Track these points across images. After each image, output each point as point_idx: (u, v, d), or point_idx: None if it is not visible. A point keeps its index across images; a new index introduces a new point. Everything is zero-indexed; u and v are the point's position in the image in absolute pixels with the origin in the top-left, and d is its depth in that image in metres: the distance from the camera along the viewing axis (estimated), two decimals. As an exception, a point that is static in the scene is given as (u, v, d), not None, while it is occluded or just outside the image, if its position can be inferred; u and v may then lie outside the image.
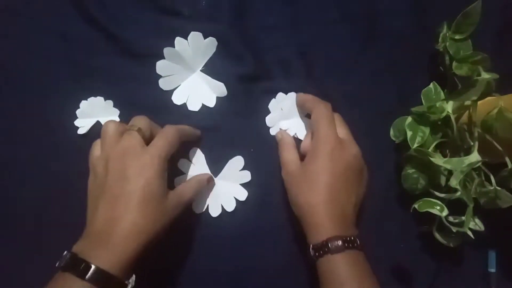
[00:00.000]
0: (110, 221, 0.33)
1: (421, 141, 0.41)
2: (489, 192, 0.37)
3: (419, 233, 0.45)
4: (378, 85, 0.48)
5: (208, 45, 0.45)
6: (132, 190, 0.34)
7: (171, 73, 0.45)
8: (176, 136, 0.38)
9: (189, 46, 0.45)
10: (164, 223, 0.35)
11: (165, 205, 0.36)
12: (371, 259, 0.37)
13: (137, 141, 0.36)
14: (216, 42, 0.45)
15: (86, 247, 0.32)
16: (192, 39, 0.45)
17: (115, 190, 0.34)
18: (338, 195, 0.38)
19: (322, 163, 0.38)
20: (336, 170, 0.38)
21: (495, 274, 0.45)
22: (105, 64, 0.46)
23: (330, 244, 0.35)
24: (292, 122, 0.46)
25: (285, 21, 0.48)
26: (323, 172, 0.38)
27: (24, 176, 0.45)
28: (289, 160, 0.41)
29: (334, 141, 0.39)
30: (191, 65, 0.46)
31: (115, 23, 0.47)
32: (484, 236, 0.40)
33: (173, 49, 0.45)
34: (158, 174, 0.35)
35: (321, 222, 0.36)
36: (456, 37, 0.42)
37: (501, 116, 0.34)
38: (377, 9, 0.48)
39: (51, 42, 0.46)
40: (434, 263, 0.45)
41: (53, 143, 0.45)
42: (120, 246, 0.32)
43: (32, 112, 0.46)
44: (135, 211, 0.33)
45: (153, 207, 0.34)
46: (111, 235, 0.32)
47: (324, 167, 0.38)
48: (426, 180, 0.41)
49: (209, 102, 0.46)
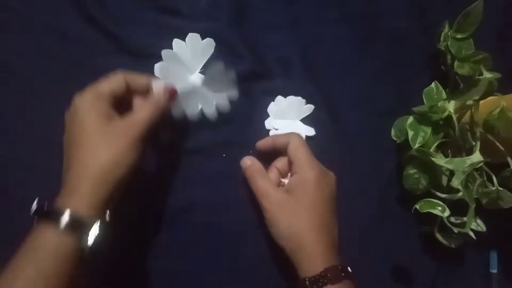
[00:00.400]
0: (71, 166, 0.33)
1: (423, 141, 0.41)
2: (491, 192, 0.37)
3: (420, 233, 0.45)
4: (379, 85, 0.47)
5: (206, 46, 0.45)
6: (78, 133, 0.34)
7: (169, 75, 0.45)
8: (119, 76, 0.37)
9: (187, 48, 0.45)
10: (128, 153, 0.33)
11: (116, 133, 0.34)
12: (372, 260, 0.37)
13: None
14: (214, 43, 0.45)
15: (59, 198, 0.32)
16: (190, 41, 0.44)
17: (70, 139, 0.34)
18: (327, 223, 0.37)
19: (311, 191, 0.37)
20: (324, 198, 0.38)
21: (496, 274, 0.45)
22: (105, 63, 0.46)
23: (329, 274, 0.33)
24: (286, 123, 0.46)
25: (285, 21, 0.48)
26: (313, 200, 0.37)
27: (24, 176, 0.45)
28: (269, 189, 0.38)
29: (319, 168, 0.38)
30: (190, 67, 0.46)
31: (115, 22, 0.46)
32: (486, 236, 0.40)
33: (171, 51, 0.44)
34: (85, 108, 0.34)
35: (316, 252, 0.35)
36: (457, 36, 0.42)
37: (503, 115, 0.34)
38: (378, 9, 0.48)
39: (51, 42, 0.46)
40: (435, 263, 0.45)
41: (53, 143, 0.45)
42: (87, 188, 0.32)
43: (31, 111, 0.45)
44: (87, 150, 0.33)
45: (102, 140, 0.33)
46: (77, 180, 0.32)
47: (313, 196, 0.37)
48: (427, 180, 0.41)
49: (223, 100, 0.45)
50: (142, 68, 0.46)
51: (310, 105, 0.46)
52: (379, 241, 0.45)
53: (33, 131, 0.45)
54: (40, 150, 0.45)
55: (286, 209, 0.37)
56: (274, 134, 0.45)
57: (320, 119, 0.47)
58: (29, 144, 0.45)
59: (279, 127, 0.46)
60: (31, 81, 0.46)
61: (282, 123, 0.46)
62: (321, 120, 0.47)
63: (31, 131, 0.45)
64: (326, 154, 0.46)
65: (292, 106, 0.46)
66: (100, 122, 0.34)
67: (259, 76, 0.47)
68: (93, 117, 0.34)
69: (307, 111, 0.46)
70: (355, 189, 0.46)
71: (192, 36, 0.44)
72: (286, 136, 0.41)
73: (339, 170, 0.46)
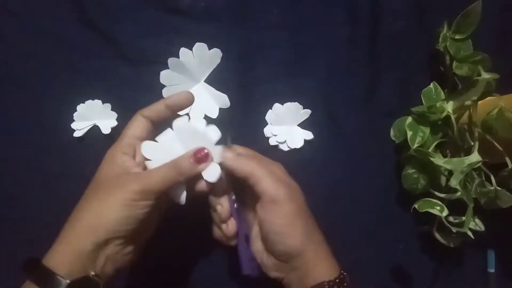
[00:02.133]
0: (71, 216, 0.32)
1: (421, 141, 0.41)
2: (490, 192, 0.37)
3: (419, 233, 0.45)
4: (378, 85, 0.48)
5: (213, 56, 0.44)
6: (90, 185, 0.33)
7: (175, 83, 0.45)
8: (138, 120, 0.35)
9: (193, 57, 0.44)
10: (126, 217, 0.30)
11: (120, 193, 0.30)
12: (370, 259, 0.37)
13: None
14: (220, 53, 0.43)
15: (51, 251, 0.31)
16: (197, 50, 0.44)
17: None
18: (314, 235, 0.35)
19: (288, 206, 0.34)
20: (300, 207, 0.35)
21: (494, 274, 0.45)
22: (103, 67, 0.46)
23: (346, 279, 0.33)
24: (284, 129, 0.46)
25: (285, 21, 0.48)
26: (296, 213, 0.34)
27: (21, 178, 0.44)
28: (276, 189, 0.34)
29: (287, 183, 0.35)
30: (195, 76, 0.45)
31: (114, 26, 0.46)
32: (484, 236, 0.40)
33: (178, 60, 0.44)
34: (109, 159, 0.33)
35: (322, 256, 0.34)
36: (456, 37, 0.42)
37: (501, 116, 0.34)
38: (378, 9, 0.48)
39: (49, 45, 0.46)
40: (434, 263, 0.45)
41: (50, 145, 0.45)
42: (69, 245, 0.30)
43: (29, 114, 0.45)
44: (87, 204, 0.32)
45: (107, 195, 0.31)
46: (66, 233, 0.31)
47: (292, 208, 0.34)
48: (426, 180, 0.41)
49: (212, 113, 0.45)
50: (140, 71, 0.46)
51: (307, 110, 0.46)
52: (378, 241, 0.45)
53: (30, 133, 0.45)
54: (37, 152, 0.45)
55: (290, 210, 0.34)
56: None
57: (319, 120, 0.47)
58: (26, 146, 0.45)
59: (277, 133, 0.46)
60: (29, 83, 0.46)
61: (281, 129, 0.46)
62: (319, 122, 0.47)
63: (28, 133, 0.45)
64: (326, 155, 0.46)
65: (290, 112, 0.46)
66: (107, 177, 0.32)
67: (259, 77, 0.47)
68: (105, 170, 0.33)
69: (304, 116, 0.46)
70: (355, 189, 0.46)
71: (199, 46, 0.43)
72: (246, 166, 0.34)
73: (338, 170, 0.46)
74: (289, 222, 0.34)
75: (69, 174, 0.44)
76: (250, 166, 0.34)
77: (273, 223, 0.34)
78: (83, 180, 0.37)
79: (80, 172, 0.40)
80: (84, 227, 0.31)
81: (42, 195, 0.44)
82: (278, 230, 0.34)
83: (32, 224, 0.44)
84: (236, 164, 0.34)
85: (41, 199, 0.44)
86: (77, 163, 0.44)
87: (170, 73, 0.44)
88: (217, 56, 0.44)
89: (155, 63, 0.45)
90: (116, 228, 0.30)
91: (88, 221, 0.31)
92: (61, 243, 0.31)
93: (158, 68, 0.44)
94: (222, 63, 0.46)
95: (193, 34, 0.46)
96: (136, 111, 0.45)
